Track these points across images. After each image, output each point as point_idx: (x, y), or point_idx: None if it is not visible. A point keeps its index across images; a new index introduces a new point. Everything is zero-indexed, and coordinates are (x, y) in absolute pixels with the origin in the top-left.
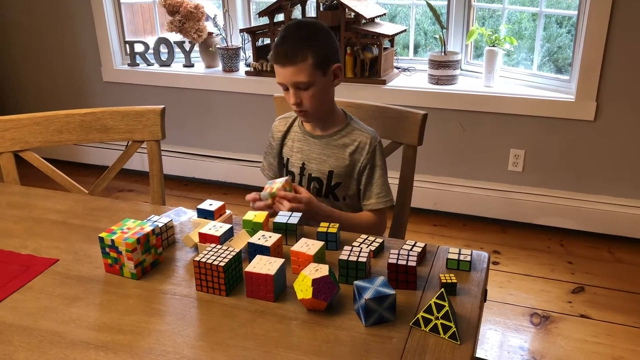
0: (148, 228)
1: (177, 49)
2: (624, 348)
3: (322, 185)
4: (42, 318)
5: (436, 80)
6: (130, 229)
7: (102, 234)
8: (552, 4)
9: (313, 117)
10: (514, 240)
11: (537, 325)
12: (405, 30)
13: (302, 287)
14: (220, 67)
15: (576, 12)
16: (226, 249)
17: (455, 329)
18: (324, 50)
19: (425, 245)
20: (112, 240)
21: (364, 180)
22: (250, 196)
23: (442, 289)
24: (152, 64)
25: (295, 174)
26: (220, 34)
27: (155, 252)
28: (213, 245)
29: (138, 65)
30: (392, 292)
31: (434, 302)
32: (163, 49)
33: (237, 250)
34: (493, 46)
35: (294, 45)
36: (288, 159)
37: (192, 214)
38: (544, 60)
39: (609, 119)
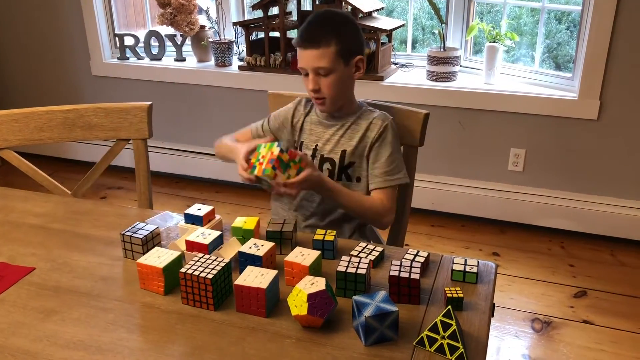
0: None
1: (168, 43)
2: (629, 356)
3: (335, 165)
4: (14, 335)
5: (435, 76)
6: None
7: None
8: None
9: (330, 107)
10: (513, 241)
11: (538, 332)
12: (403, 25)
13: (297, 303)
14: (212, 61)
15: (579, 8)
16: (214, 259)
17: (463, 349)
18: (349, 40)
19: (429, 254)
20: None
21: (372, 158)
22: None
23: (449, 307)
24: (143, 58)
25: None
26: (213, 27)
27: None
28: (200, 254)
29: (128, 59)
30: (395, 309)
31: (440, 320)
32: (154, 43)
33: (227, 260)
34: (494, 42)
35: (320, 29)
36: (302, 142)
37: (179, 219)
38: (544, 57)
39: (613, 118)
